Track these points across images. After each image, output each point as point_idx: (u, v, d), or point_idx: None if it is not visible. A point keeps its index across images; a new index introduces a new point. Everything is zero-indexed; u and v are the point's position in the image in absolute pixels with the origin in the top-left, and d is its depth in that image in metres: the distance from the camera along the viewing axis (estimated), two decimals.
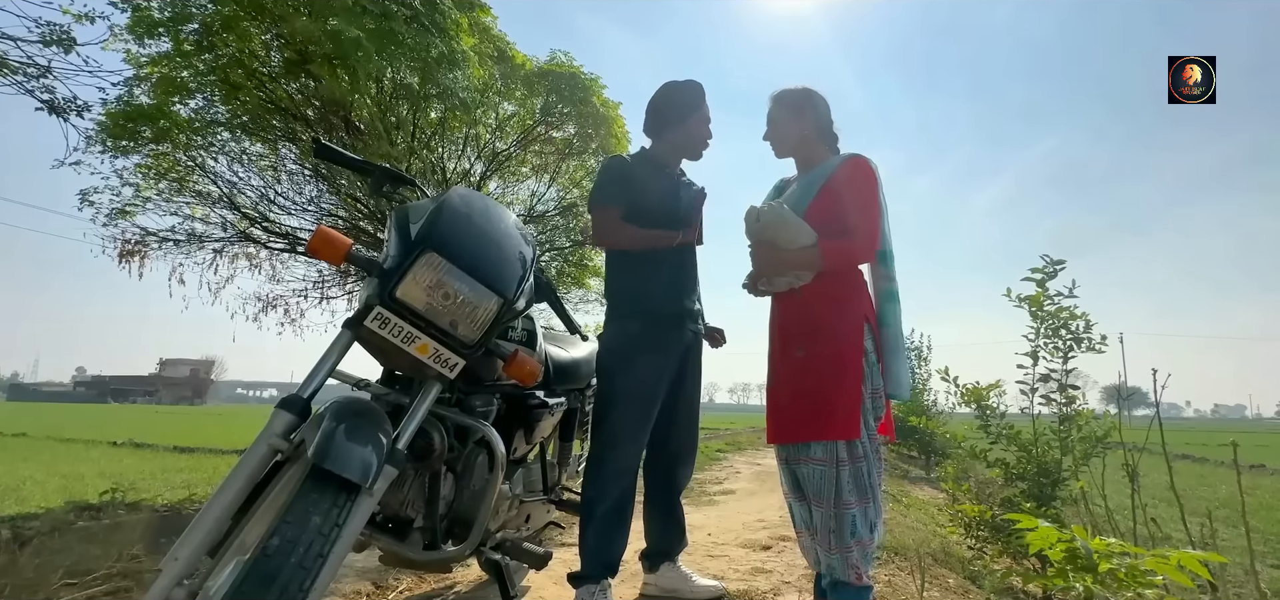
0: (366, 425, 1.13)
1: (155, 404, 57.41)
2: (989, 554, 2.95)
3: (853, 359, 1.63)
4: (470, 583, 2.27)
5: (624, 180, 2.08)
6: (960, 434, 3.54)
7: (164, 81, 4.48)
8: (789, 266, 1.71)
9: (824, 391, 1.62)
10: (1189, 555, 1.47)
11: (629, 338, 2.02)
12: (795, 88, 1.89)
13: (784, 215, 1.69)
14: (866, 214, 1.67)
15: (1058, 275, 2.70)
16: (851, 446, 1.60)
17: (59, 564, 2.29)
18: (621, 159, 2.20)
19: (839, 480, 1.59)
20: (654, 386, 1.98)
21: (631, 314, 2.05)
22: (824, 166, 1.77)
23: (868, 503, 1.60)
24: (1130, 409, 3.64)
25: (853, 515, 1.58)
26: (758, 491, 4.97)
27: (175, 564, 1.01)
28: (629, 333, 2.02)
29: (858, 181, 1.69)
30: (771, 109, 1.90)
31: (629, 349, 2.00)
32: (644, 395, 1.97)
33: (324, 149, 1.44)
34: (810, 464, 1.63)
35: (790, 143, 1.87)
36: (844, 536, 1.58)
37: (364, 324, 1.22)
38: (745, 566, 2.58)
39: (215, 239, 5.89)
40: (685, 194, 2.16)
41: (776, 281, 1.74)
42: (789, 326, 1.75)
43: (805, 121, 1.83)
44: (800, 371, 1.68)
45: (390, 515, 1.46)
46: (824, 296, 1.69)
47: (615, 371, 2.00)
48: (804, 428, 1.64)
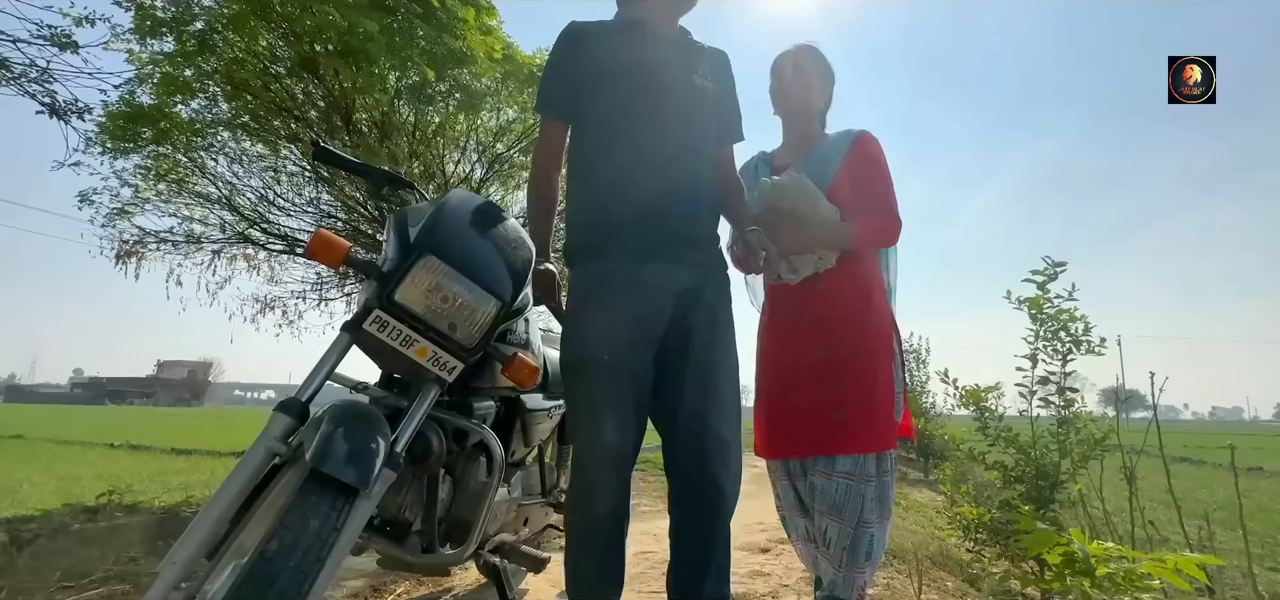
0: (365, 428, 1.13)
1: (153, 405, 57.28)
2: (987, 557, 2.95)
3: (884, 360, 1.50)
4: (468, 586, 2.26)
5: (566, 62, 1.45)
6: (959, 436, 3.55)
7: (166, 81, 4.48)
8: (817, 244, 1.51)
9: (858, 398, 1.46)
10: (1186, 558, 1.48)
11: (585, 293, 1.39)
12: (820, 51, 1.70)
13: (804, 185, 1.51)
14: (889, 193, 1.55)
15: (1058, 277, 2.70)
16: (881, 460, 1.48)
17: (56, 566, 2.28)
18: (576, 28, 1.48)
19: (864, 497, 1.45)
20: (628, 364, 1.34)
21: (587, 254, 1.41)
22: (831, 146, 1.62)
23: (887, 522, 1.49)
24: (1128, 411, 3.65)
25: (871, 534, 1.46)
26: (756, 494, 4.95)
27: (173, 567, 1.01)
28: (586, 285, 1.40)
29: (875, 161, 1.57)
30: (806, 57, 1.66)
31: (586, 310, 1.38)
32: (614, 379, 1.34)
33: (323, 152, 1.44)
34: (834, 478, 1.47)
35: (807, 105, 1.66)
36: (857, 556, 1.46)
37: (362, 327, 1.22)
38: (743, 570, 2.58)
39: (214, 240, 5.89)
40: (672, 58, 1.46)
41: (800, 265, 1.54)
42: (811, 321, 1.54)
43: (827, 90, 1.69)
44: (824, 373, 1.49)
45: (388, 518, 1.46)
46: (849, 286, 1.52)
47: (573, 338, 1.40)
48: (831, 439, 1.47)
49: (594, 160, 1.44)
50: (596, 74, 1.42)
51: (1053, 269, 2.69)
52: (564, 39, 1.46)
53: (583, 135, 1.48)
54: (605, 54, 1.43)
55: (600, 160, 1.43)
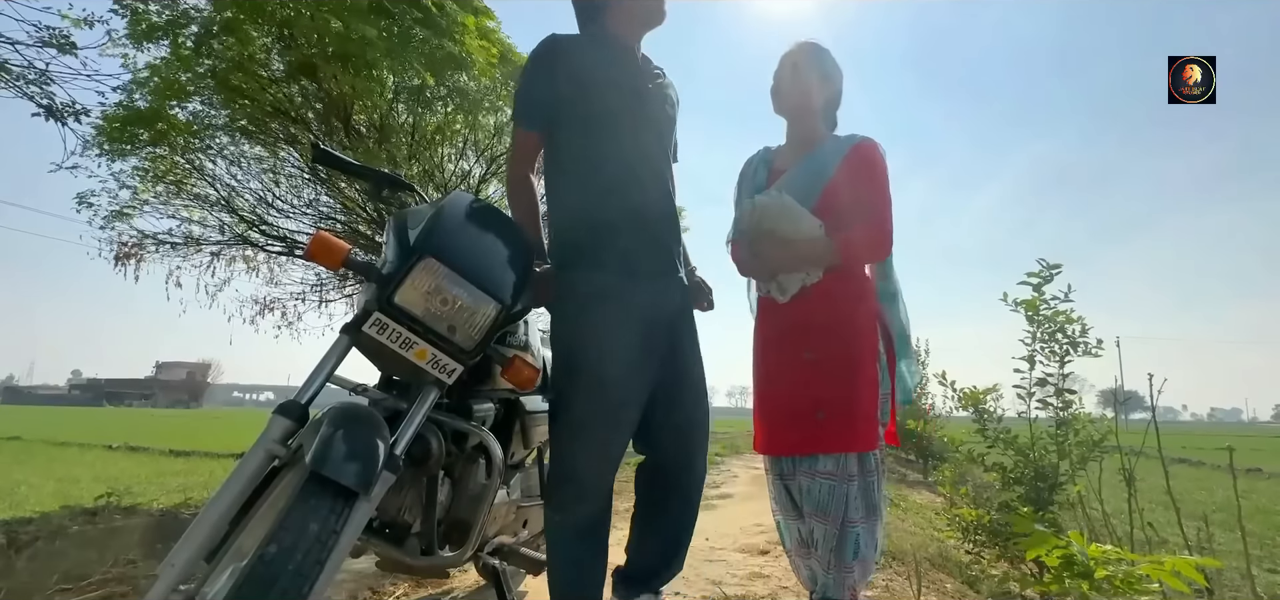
0: (364, 431, 1.13)
1: (151, 407, 57.18)
2: (987, 558, 2.95)
3: (868, 364, 1.52)
4: (467, 588, 2.26)
5: (545, 72, 1.46)
6: (958, 438, 3.55)
7: (162, 85, 4.48)
8: (801, 261, 1.54)
9: (838, 399, 1.49)
10: (1184, 561, 1.48)
11: (579, 304, 1.44)
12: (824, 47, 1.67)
13: (785, 203, 1.54)
14: (884, 204, 1.54)
15: (1054, 279, 2.71)
16: (863, 460, 1.50)
17: (54, 569, 2.28)
18: (556, 40, 1.49)
19: (847, 496, 1.48)
20: (625, 377, 1.41)
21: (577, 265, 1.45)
22: (829, 150, 1.61)
23: (874, 520, 1.51)
24: (1127, 413, 3.65)
25: (857, 533, 1.48)
26: (755, 496, 4.96)
27: (172, 569, 1.01)
28: (578, 296, 1.44)
29: (872, 169, 1.56)
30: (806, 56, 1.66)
31: (587, 312, 1.43)
32: (611, 392, 1.41)
33: (322, 154, 1.44)
34: (816, 478, 1.51)
35: (804, 106, 1.65)
36: (844, 555, 1.48)
37: (362, 329, 1.22)
38: (743, 571, 2.58)
39: (212, 242, 5.89)
40: (648, 78, 1.54)
41: (788, 284, 1.57)
42: (795, 326, 1.58)
43: (829, 88, 1.66)
44: (808, 377, 1.53)
45: (387, 520, 1.46)
46: (834, 294, 1.54)
47: (572, 348, 1.44)
48: (813, 439, 1.51)
49: (578, 170, 1.48)
50: (578, 88, 1.45)
51: (1048, 271, 2.70)
52: (543, 51, 1.48)
53: (562, 147, 1.51)
54: (585, 70, 1.46)
55: (584, 171, 1.47)
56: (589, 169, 1.47)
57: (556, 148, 1.52)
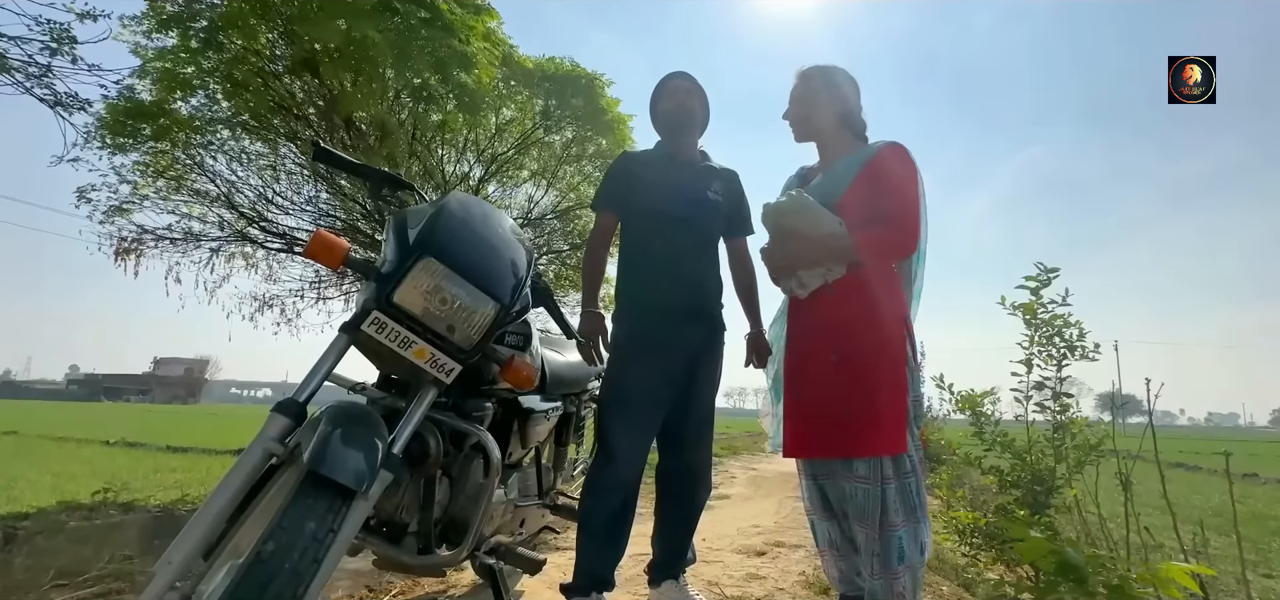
0: (362, 430, 1.14)
1: (149, 403, 57.07)
2: (983, 562, 2.95)
3: (896, 364, 1.50)
4: (464, 588, 2.26)
5: (617, 176, 2.04)
6: (954, 441, 3.55)
7: (167, 76, 4.48)
8: (821, 258, 1.55)
9: (868, 401, 1.47)
10: (1177, 568, 1.48)
11: (625, 338, 1.94)
12: (825, 64, 1.72)
13: (804, 202, 1.56)
14: (906, 203, 1.53)
15: (1051, 283, 2.71)
16: (898, 462, 1.48)
17: (50, 565, 2.27)
18: (626, 156, 2.14)
19: (885, 499, 1.46)
20: (652, 392, 1.87)
21: (629, 312, 1.97)
22: (858, 153, 1.62)
23: (917, 522, 1.48)
24: (1124, 417, 3.65)
25: (900, 537, 1.45)
26: (753, 497, 4.97)
27: (169, 567, 1.01)
28: (626, 333, 1.95)
29: (897, 169, 1.56)
30: (800, 85, 1.72)
31: (626, 351, 1.92)
32: (641, 401, 1.87)
33: (323, 152, 1.44)
34: (852, 482, 1.49)
35: (819, 124, 1.69)
36: (890, 561, 1.45)
37: (361, 328, 1.22)
38: (740, 573, 2.58)
39: (212, 238, 5.89)
40: (692, 180, 2.01)
41: (808, 279, 1.58)
42: (820, 326, 1.58)
43: (838, 102, 1.68)
44: (835, 378, 1.52)
45: (385, 519, 1.46)
46: (860, 293, 1.53)
47: (613, 376, 1.94)
48: (843, 442, 1.49)
49: (636, 246, 2.03)
50: (632, 188, 1.99)
51: (1046, 275, 2.70)
52: (620, 161, 2.10)
53: (627, 228, 2.06)
54: (645, 173, 2.00)
55: (640, 248, 2.01)
56: (638, 243, 2.02)
57: (622, 228, 2.07)
